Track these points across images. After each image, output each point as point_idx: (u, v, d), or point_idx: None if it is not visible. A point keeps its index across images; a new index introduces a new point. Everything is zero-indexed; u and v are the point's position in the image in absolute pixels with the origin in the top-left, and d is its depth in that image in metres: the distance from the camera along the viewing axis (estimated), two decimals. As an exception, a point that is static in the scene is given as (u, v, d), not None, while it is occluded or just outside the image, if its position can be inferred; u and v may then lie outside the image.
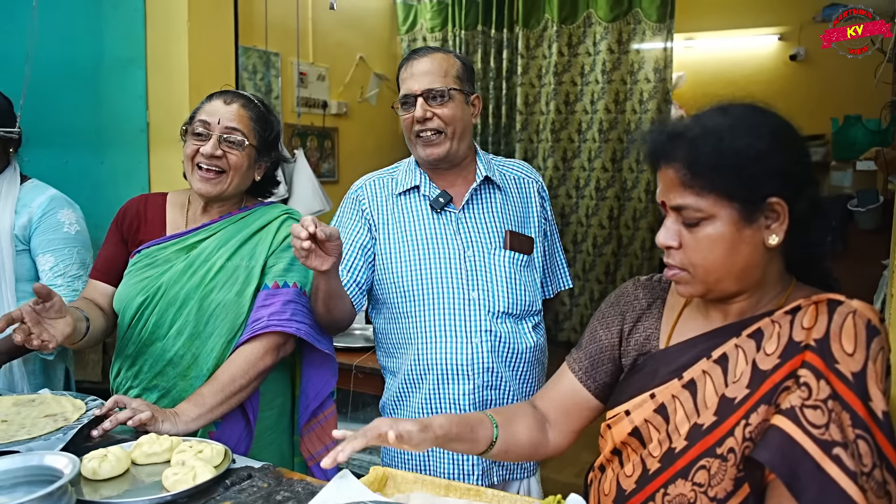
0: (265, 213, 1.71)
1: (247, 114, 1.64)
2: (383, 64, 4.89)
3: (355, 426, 2.59)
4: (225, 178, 1.63)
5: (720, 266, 0.99)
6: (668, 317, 1.16)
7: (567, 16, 4.44)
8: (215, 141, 1.59)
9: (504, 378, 1.65)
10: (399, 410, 1.72)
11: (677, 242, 1.01)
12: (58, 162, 2.86)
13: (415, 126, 1.65)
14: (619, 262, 4.65)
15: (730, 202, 0.96)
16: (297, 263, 1.63)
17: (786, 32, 6.10)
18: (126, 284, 1.65)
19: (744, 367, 0.98)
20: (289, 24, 4.01)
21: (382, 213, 1.72)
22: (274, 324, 1.56)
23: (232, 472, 1.29)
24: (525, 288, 1.69)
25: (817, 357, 0.90)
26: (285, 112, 4.09)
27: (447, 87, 1.63)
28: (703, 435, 0.99)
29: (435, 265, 1.65)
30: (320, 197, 3.63)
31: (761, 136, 0.96)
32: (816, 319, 0.94)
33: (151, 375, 1.62)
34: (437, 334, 1.64)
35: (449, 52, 1.71)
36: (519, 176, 1.80)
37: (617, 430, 1.12)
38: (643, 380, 1.11)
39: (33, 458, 1.14)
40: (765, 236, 0.98)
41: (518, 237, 1.70)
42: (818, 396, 0.88)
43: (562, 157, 4.60)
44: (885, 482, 0.85)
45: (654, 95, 4.30)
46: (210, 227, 1.67)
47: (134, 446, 1.34)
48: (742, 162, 0.95)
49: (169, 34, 3.27)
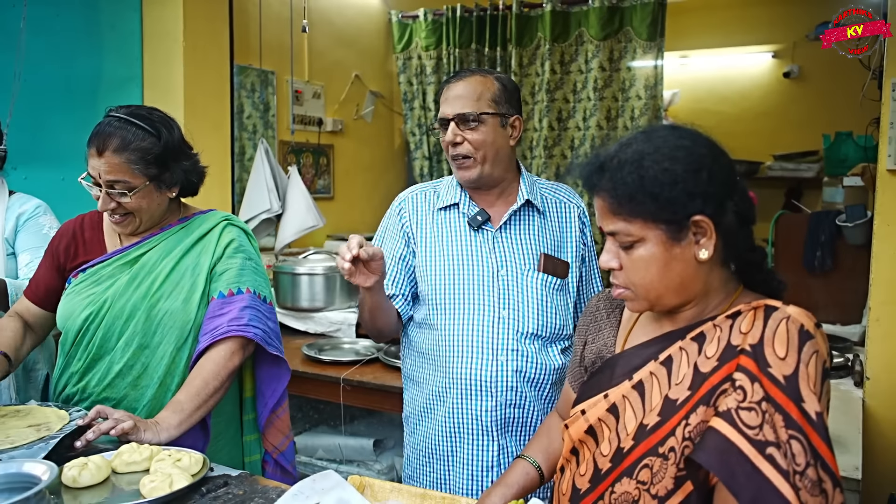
0: (205, 220, 1.74)
1: (119, 159, 1.56)
2: (378, 82, 4.96)
3: (346, 439, 2.62)
4: (133, 219, 1.65)
5: (657, 284, 1.04)
6: (625, 324, 1.21)
7: (559, 34, 4.50)
8: (105, 196, 1.58)
9: (528, 397, 1.66)
10: (424, 422, 1.74)
11: (618, 264, 1.07)
12: (54, 179, 2.91)
13: (450, 149, 1.67)
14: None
15: (656, 225, 1.01)
16: (248, 269, 1.69)
17: (779, 50, 6.16)
18: (69, 303, 1.67)
19: (686, 370, 1.02)
20: (284, 43, 4.08)
21: (422, 226, 1.75)
22: (234, 329, 1.60)
23: (208, 479, 1.32)
24: (556, 311, 1.70)
25: (751, 361, 0.94)
26: (280, 129, 4.15)
27: (478, 111, 1.63)
28: (647, 434, 1.03)
29: (468, 282, 1.67)
30: (314, 213, 3.67)
31: (678, 159, 1.01)
32: (753, 325, 0.98)
33: (101, 388, 1.64)
34: (464, 350, 1.65)
35: (489, 73, 1.70)
36: (561, 200, 1.80)
37: (574, 429, 1.17)
38: (600, 382, 1.16)
39: (12, 466, 1.17)
40: (695, 251, 1.02)
41: (553, 260, 1.71)
42: (752, 399, 0.92)
43: (555, 172, 4.64)
44: (821, 480, 0.87)
45: (646, 112, 4.34)
46: (151, 241, 1.69)
47: (114, 455, 1.37)
48: (660, 188, 1.00)
49: (165, 54, 3.34)
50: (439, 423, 1.69)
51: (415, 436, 1.77)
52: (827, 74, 5.94)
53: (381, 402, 2.44)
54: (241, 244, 1.73)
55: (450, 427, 1.67)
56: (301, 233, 3.65)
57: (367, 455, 2.59)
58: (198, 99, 3.38)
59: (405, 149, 5.16)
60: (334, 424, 2.72)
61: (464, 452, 1.66)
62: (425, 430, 1.73)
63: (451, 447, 1.68)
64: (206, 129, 3.45)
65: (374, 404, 2.45)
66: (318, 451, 2.64)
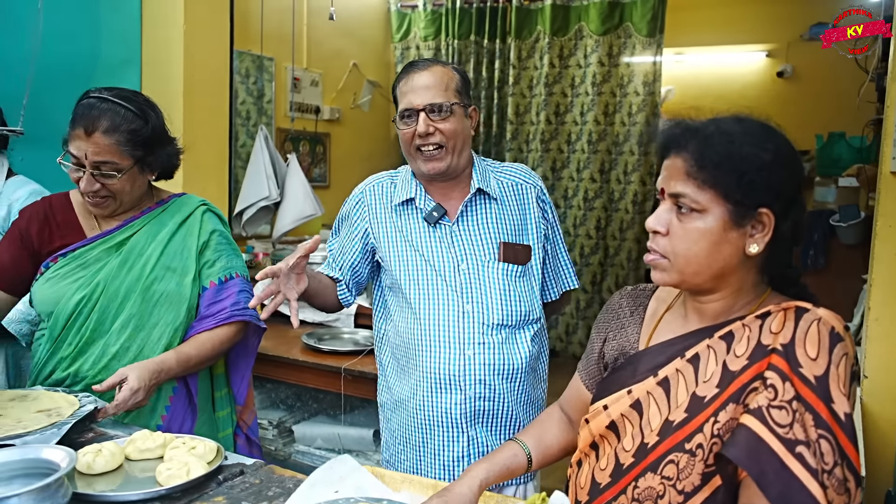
0: (183, 204, 1.77)
1: (110, 140, 1.55)
2: (376, 71, 4.94)
3: (345, 428, 2.62)
4: (113, 201, 1.64)
5: (700, 260, 1.04)
6: (648, 321, 1.21)
7: (559, 28, 4.50)
8: (90, 178, 1.57)
9: (497, 389, 1.66)
10: (397, 412, 1.75)
11: (665, 229, 1.05)
12: (51, 161, 2.87)
13: (416, 140, 1.64)
14: (605, 272, 4.70)
15: (725, 201, 1.01)
16: (234, 254, 1.80)
17: (773, 49, 6.20)
18: (55, 287, 1.65)
19: (714, 368, 1.03)
20: (284, 30, 4.05)
21: (382, 222, 1.74)
22: (237, 314, 1.72)
23: (224, 468, 1.32)
24: (521, 298, 1.70)
25: (783, 360, 0.95)
26: (278, 116, 4.12)
27: (449, 101, 1.62)
28: (673, 430, 1.04)
29: (431, 277, 1.67)
30: (312, 202, 3.66)
31: (767, 149, 1.01)
32: (784, 325, 0.99)
33: (95, 371, 1.63)
34: (431, 346, 1.65)
35: (447, 64, 1.71)
36: (517, 182, 1.78)
37: (595, 424, 1.17)
38: (622, 378, 1.16)
39: (31, 452, 1.16)
40: (747, 243, 1.03)
41: (513, 248, 1.70)
42: (783, 397, 0.93)
43: (551, 166, 4.65)
44: (846, 479, 0.89)
45: (643, 108, 4.36)
46: (134, 224, 1.69)
47: (127, 442, 1.36)
48: (745, 167, 1.00)
49: (165, 37, 3.30)
50: (411, 415, 1.69)
51: (389, 423, 1.78)
52: (820, 75, 6.00)
53: (382, 392, 2.42)
54: (223, 230, 1.79)
55: (420, 420, 1.68)
56: (299, 221, 3.64)
57: (367, 445, 2.59)
58: (197, 83, 3.34)
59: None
60: (333, 414, 2.72)
61: (435, 444, 1.67)
62: (399, 420, 1.74)
63: (423, 439, 1.68)
64: (204, 114, 3.42)
65: (374, 394, 2.44)
66: (316, 440, 2.64)
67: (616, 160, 4.51)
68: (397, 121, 1.68)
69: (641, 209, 4.50)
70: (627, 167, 4.48)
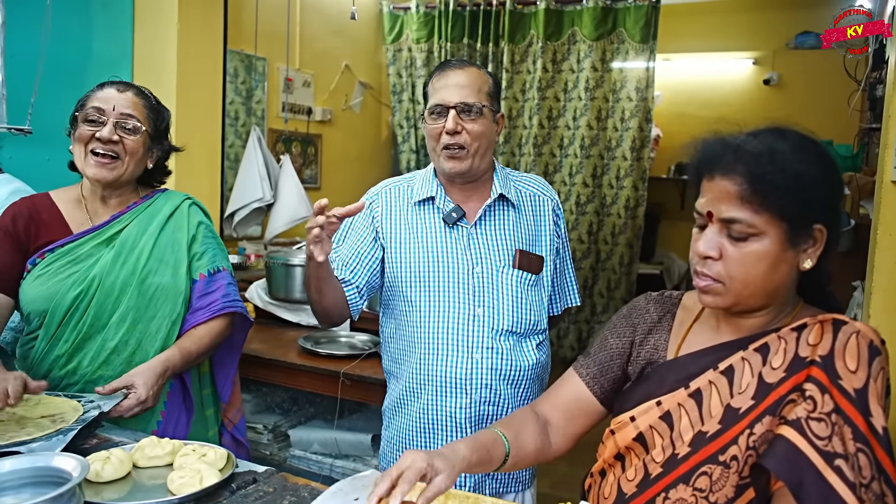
0: (168, 198, 1.80)
1: (141, 101, 1.69)
2: (368, 72, 4.91)
3: (343, 433, 2.59)
4: (121, 164, 1.66)
5: (759, 282, 1.02)
6: (677, 330, 1.19)
7: (552, 32, 4.51)
8: (111, 126, 1.63)
9: (502, 395, 1.65)
10: (398, 416, 1.73)
11: (718, 254, 1.02)
12: (39, 159, 2.82)
13: (443, 137, 1.63)
14: (596, 277, 4.71)
15: (781, 222, 0.99)
16: (220, 248, 1.83)
17: (760, 57, 6.26)
18: (47, 284, 1.62)
19: (749, 379, 1.02)
20: (277, 30, 4.01)
21: (396, 222, 1.72)
22: (229, 305, 1.76)
23: (236, 476, 1.29)
24: (531, 307, 1.69)
25: (822, 372, 0.95)
26: (270, 117, 4.08)
27: (480, 103, 1.62)
28: (706, 442, 1.03)
29: (443, 278, 1.65)
30: (306, 203, 3.62)
31: (819, 163, 1.00)
32: (822, 337, 0.98)
33: (94, 367, 1.62)
34: (438, 347, 1.64)
35: (482, 68, 1.71)
36: (535, 193, 1.79)
37: (621, 436, 1.15)
38: (650, 388, 1.15)
39: (41, 460, 1.13)
40: (801, 259, 1.02)
41: (528, 256, 1.70)
42: (822, 410, 0.92)
43: (543, 171, 4.65)
44: (884, 494, 0.89)
45: (636, 114, 4.38)
46: (123, 218, 1.71)
47: (135, 449, 1.33)
48: (802, 185, 0.98)
49: (157, 35, 3.25)
50: (413, 418, 1.68)
51: (389, 429, 1.77)
52: (806, 83, 6.07)
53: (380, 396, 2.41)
54: (209, 224, 1.83)
55: (424, 422, 1.67)
56: (292, 223, 3.60)
57: (364, 450, 2.56)
58: (190, 82, 3.30)
59: (392, 141, 5.12)
60: (329, 419, 2.69)
61: (437, 447, 1.65)
62: (399, 424, 1.72)
63: (425, 443, 1.68)
64: (197, 113, 3.37)
65: (372, 399, 2.42)
66: (313, 444, 2.61)
67: (608, 165, 4.53)
68: (426, 116, 1.66)
69: (633, 214, 4.51)
70: (620, 172, 4.49)
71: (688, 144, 1.09)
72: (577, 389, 1.29)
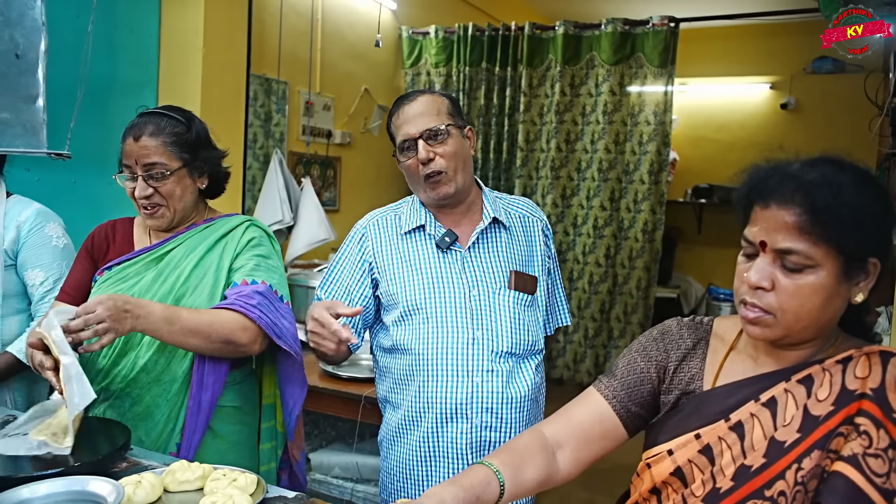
0: (228, 221, 1.77)
1: (156, 142, 1.64)
2: (387, 96, 4.95)
3: (363, 457, 2.58)
4: (166, 210, 1.68)
5: (812, 315, 0.99)
6: (711, 358, 1.17)
7: (570, 57, 4.53)
8: (142, 183, 1.64)
9: (504, 418, 1.64)
10: (396, 446, 1.71)
11: (770, 284, 0.99)
12: (65, 182, 2.85)
13: (420, 169, 1.64)
14: (614, 301, 4.69)
15: (838, 255, 0.97)
16: (264, 265, 1.70)
17: (777, 82, 6.27)
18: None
19: (794, 412, 1.00)
20: (299, 55, 4.06)
21: (387, 252, 1.71)
22: (239, 304, 1.58)
23: (267, 501, 1.28)
24: (528, 327, 1.69)
25: (875, 406, 0.93)
26: (291, 140, 4.12)
27: (443, 124, 1.64)
28: (751, 476, 1.01)
29: (441, 304, 1.65)
30: (326, 226, 3.64)
31: (878, 198, 0.98)
32: (870, 370, 0.97)
33: (124, 384, 1.63)
34: (438, 372, 1.63)
35: (433, 91, 1.72)
36: (524, 214, 1.80)
37: (657, 470, 1.12)
38: (686, 420, 1.12)
39: (76, 484, 1.13)
40: (853, 293, 1.00)
41: (523, 277, 1.70)
42: (879, 445, 0.91)
43: (561, 194, 4.65)
44: None
45: (654, 138, 4.38)
46: (176, 239, 1.72)
47: (166, 473, 1.33)
48: (862, 220, 0.96)
49: (183, 59, 3.31)
50: (413, 447, 1.66)
51: (388, 460, 1.75)
52: (824, 107, 6.06)
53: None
54: (261, 242, 1.75)
55: (424, 451, 1.65)
56: (312, 245, 3.62)
57: (385, 475, 2.55)
58: (214, 106, 3.35)
59: (409, 164, 5.15)
60: (350, 442, 2.68)
61: (438, 476, 1.64)
62: (398, 454, 1.70)
63: (426, 471, 1.66)
64: (221, 137, 3.38)
65: (394, 423, 2.41)
66: (334, 468, 2.60)
67: (626, 188, 4.52)
68: (398, 155, 1.68)
69: (651, 238, 4.50)
70: (637, 196, 4.49)
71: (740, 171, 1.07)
72: (601, 411, 1.22)
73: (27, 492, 1.11)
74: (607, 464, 1.24)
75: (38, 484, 1.13)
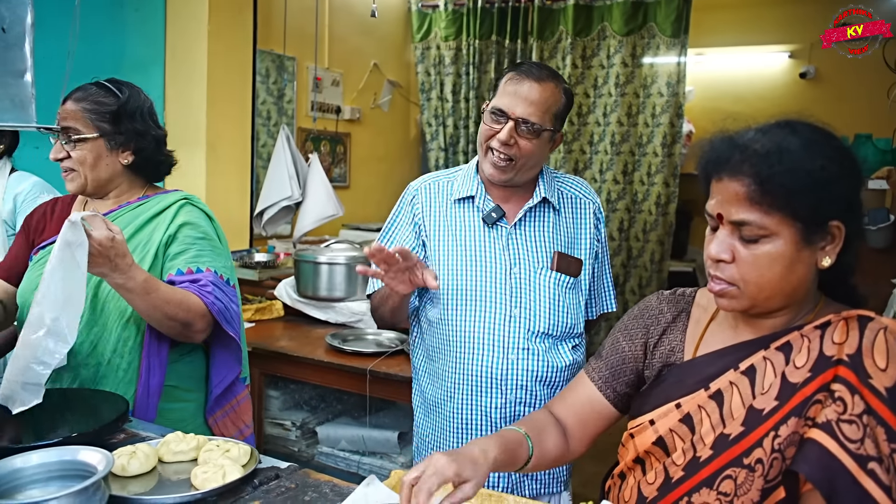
0: (162, 199, 1.70)
1: (77, 107, 1.61)
2: (397, 71, 4.92)
3: (370, 431, 2.60)
4: (78, 175, 1.65)
5: (774, 284, 0.98)
6: (692, 329, 1.16)
7: (581, 28, 4.46)
8: (57, 145, 1.63)
9: (538, 395, 1.64)
10: (432, 414, 1.73)
11: (730, 256, 0.99)
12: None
13: (493, 142, 1.59)
14: (628, 274, 4.66)
15: (794, 222, 0.95)
16: (206, 250, 1.65)
17: (796, 50, 6.13)
18: (27, 279, 1.68)
19: (772, 379, 0.99)
20: (306, 30, 4.04)
21: (435, 218, 1.71)
22: (195, 290, 1.56)
23: (259, 471, 1.29)
24: (567, 310, 1.67)
25: (851, 372, 0.92)
26: (300, 116, 4.11)
27: (543, 125, 1.56)
28: (729, 445, 1.00)
29: (481, 278, 1.64)
30: (334, 202, 3.64)
31: (833, 158, 0.95)
32: (847, 335, 0.95)
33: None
34: (475, 346, 1.64)
35: (559, 81, 1.62)
36: (577, 196, 1.75)
37: (640, 440, 1.13)
38: (667, 390, 1.12)
39: (68, 453, 1.15)
40: (819, 258, 0.98)
41: (566, 259, 1.68)
42: (853, 411, 0.89)
43: (573, 168, 4.61)
44: None
45: (667, 109, 4.32)
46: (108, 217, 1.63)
47: (161, 444, 1.35)
48: (814, 184, 0.93)
49: (189, 36, 3.30)
50: (448, 416, 1.68)
51: (422, 426, 1.77)
52: (844, 76, 5.92)
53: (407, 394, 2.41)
54: (198, 224, 1.68)
55: (458, 422, 1.66)
56: (320, 221, 3.62)
57: (391, 447, 2.57)
58: (220, 82, 3.35)
59: (420, 139, 5.13)
60: (357, 416, 2.70)
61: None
62: (434, 421, 1.72)
63: (458, 440, 1.67)
64: (228, 113, 3.42)
65: (399, 396, 2.43)
66: (340, 441, 2.62)
67: (639, 161, 4.47)
68: (485, 112, 1.62)
69: (665, 211, 4.45)
70: (651, 168, 4.43)
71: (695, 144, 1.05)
72: (589, 393, 1.27)
73: (20, 461, 1.13)
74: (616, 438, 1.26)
75: (31, 454, 1.15)
